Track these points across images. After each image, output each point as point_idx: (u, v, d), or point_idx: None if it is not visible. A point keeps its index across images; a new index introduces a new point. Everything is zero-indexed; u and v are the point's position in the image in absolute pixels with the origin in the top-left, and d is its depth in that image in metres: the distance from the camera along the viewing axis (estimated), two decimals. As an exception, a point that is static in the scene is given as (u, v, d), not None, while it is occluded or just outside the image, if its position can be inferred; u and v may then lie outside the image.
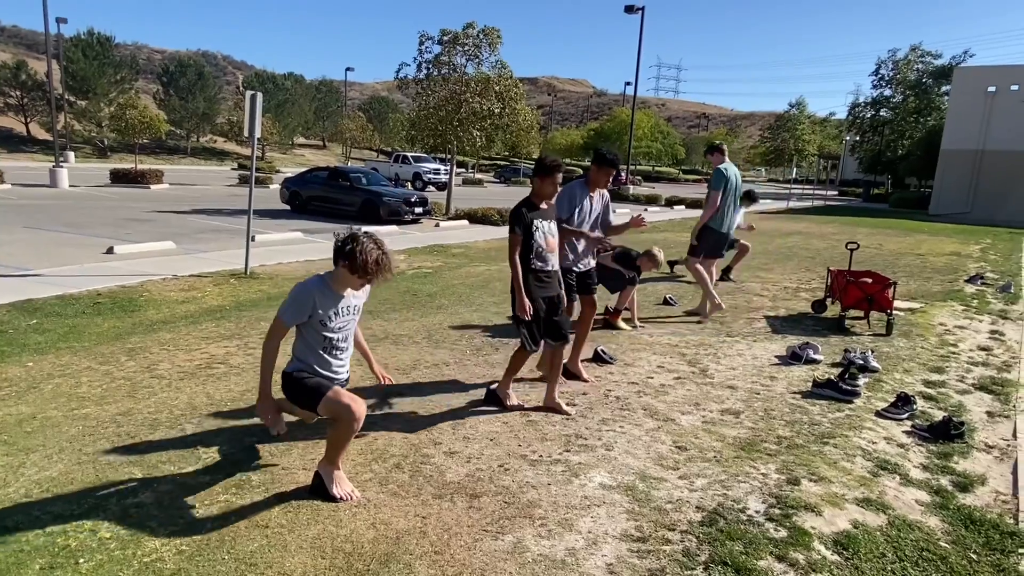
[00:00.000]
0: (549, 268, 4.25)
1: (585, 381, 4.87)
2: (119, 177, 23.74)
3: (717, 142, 7.53)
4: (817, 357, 5.50)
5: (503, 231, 16.57)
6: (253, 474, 3.33)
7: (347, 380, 3.31)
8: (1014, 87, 27.84)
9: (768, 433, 3.99)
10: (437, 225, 16.85)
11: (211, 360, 5.26)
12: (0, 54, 58.94)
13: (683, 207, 27.92)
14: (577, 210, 4.76)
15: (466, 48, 18.47)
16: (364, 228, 3.23)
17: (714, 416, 4.24)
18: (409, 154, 33.96)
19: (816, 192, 45.18)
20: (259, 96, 8.83)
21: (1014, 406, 4.73)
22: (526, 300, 4.07)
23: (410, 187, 29.30)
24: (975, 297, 8.91)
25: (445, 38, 18.43)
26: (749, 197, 9.62)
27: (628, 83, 54.53)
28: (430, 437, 3.81)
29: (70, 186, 22.32)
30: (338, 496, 3.08)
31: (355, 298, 3.20)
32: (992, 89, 28.25)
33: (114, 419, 4.01)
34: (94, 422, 3.96)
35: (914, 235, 18.56)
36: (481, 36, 18.44)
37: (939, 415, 4.41)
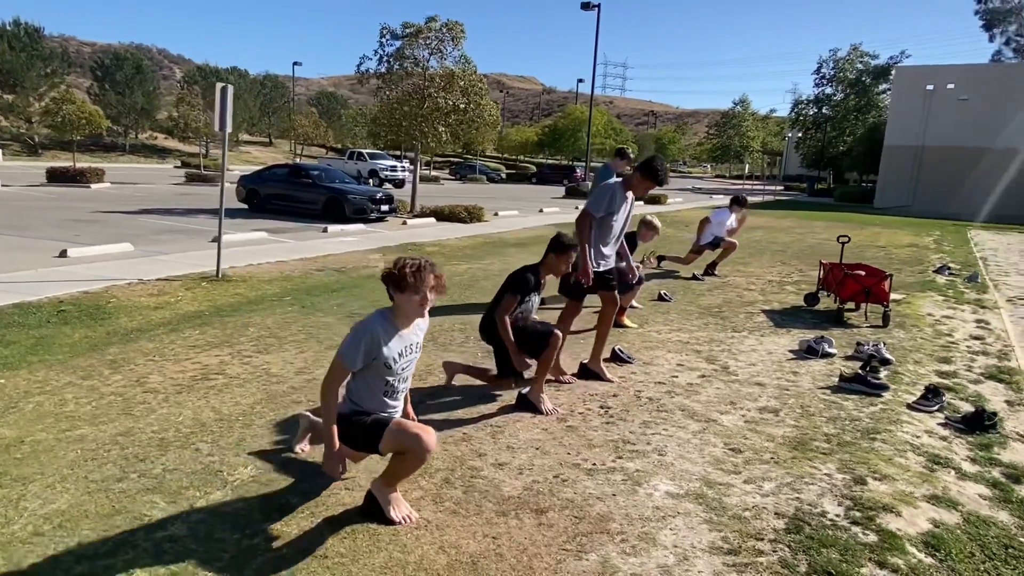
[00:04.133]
0: (521, 325, 4.31)
1: (609, 381, 4.72)
2: (56, 176, 22.34)
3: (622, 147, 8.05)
4: (832, 351, 5.50)
5: (473, 228, 16.37)
6: (292, 497, 3.04)
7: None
8: (950, 85, 29.19)
9: (814, 431, 3.92)
10: (404, 223, 16.45)
11: (206, 371, 4.88)
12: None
13: (640, 203, 28.18)
14: (612, 210, 4.71)
15: (428, 42, 18.11)
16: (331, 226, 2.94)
17: (754, 415, 4.15)
18: (365, 151, 33.23)
19: (767, 188, 46.45)
20: (230, 89, 8.34)
21: (1029, 394, 4.81)
22: (521, 354, 4.17)
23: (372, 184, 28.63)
24: (949, 287, 9.19)
25: (407, 31, 18.03)
26: (739, 203, 9.81)
27: (581, 80, 54.94)
28: (472, 448, 3.58)
29: (2, 186, 20.88)
30: (396, 519, 2.82)
31: (416, 335, 2.94)
32: (930, 87, 29.56)
33: (115, 440, 3.63)
34: (93, 444, 3.57)
35: (869, 228, 19.19)
36: (444, 30, 18.11)
37: (963, 405, 4.45)
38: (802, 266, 11.04)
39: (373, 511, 2.86)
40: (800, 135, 53.95)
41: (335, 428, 2.77)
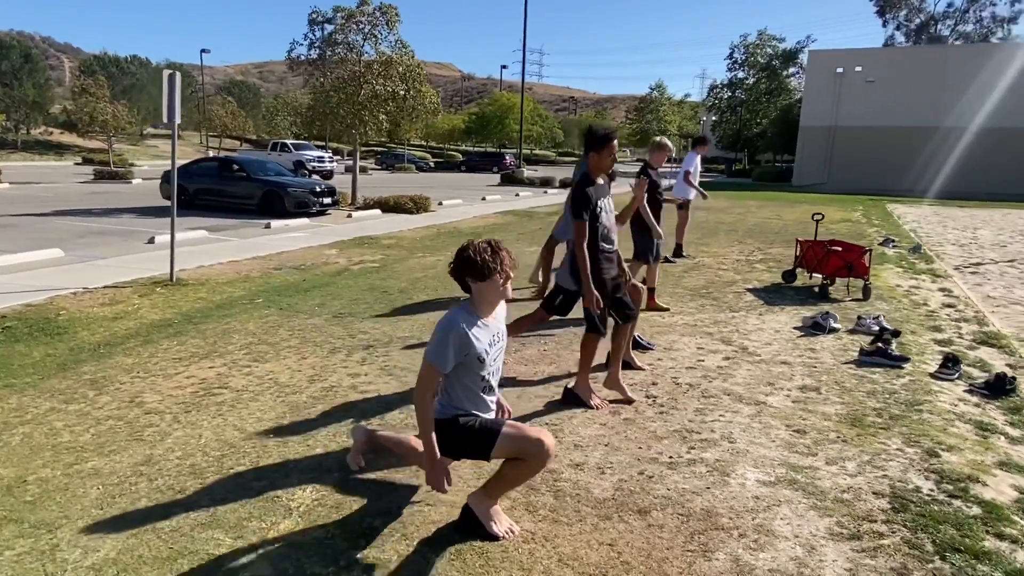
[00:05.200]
0: (612, 247, 4.10)
1: (641, 369, 4.64)
2: (-55, 176, 20.13)
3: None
4: (837, 326, 5.65)
5: (422, 219, 15.94)
6: (372, 519, 2.77)
7: None
8: (858, 68, 30.96)
9: (861, 406, 3.98)
10: (350, 216, 15.83)
11: (206, 385, 4.45)
12: None
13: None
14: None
15: (361, 26, 17.44)
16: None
17: (797, 394, 4.18)
18: (289, 141, 31.80)
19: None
20: (178, 76, 7.68)
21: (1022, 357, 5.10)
22: (595, 292, 3.85)
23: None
24: (901, 259, 9.70)
25: (339, 15, 17.29)
26: (702, 142, 10.05)
27: (505, 66, 54.72)
28: (538, 449, 3.40)
29: None
30: (499, 533, 2.62)
31: (499, 323, 2.77)
32: (840, 70, 31.24)
33: (137, 471, 3.23)
34: (113, 478, 3.15)
35: (799, 205, 20.08)
36: (378, 14, 17.47)
37: (973, 371, 4.65)
38: (759, 244, 11.39)
39: (471, 527, 2.65)
40: (716, 119, 55.87)
41: (434, 438, 2.54)
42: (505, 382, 4.37)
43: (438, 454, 2.55)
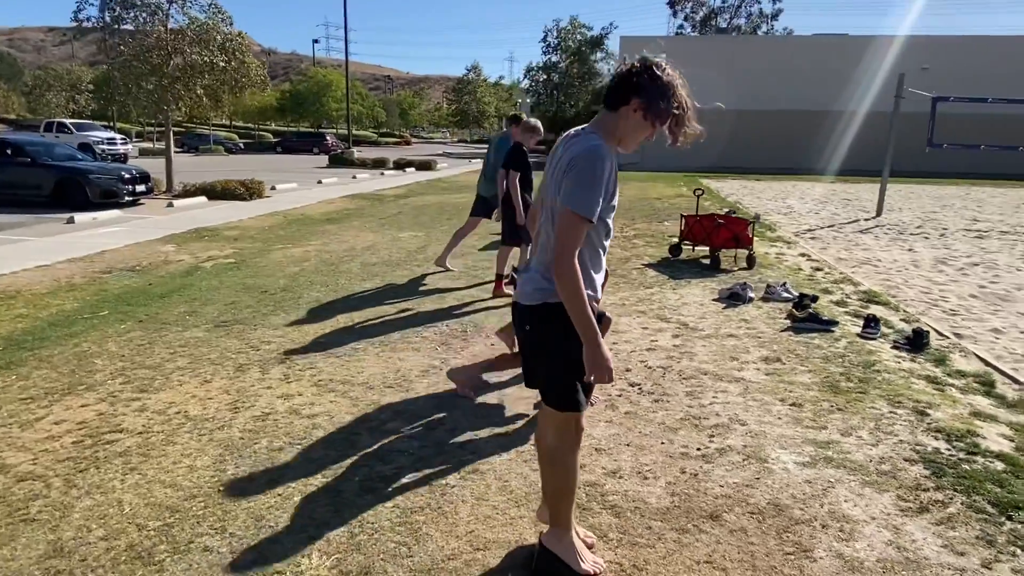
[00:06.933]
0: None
1: (603, 356, 4.43)
2: None
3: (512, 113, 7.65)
4: (752, 295, 5.89)
5: (259, 206, 14.39)
6: (423, 581, 2.23)
7: None
8: (663, 55, 33.43)
9: (827, 373, 4.11)
10: (170, 205, 13.78)
11: (90, 430, 3.44)
12: None
13: (413, 169, 27.60)
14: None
15: (165, -13, 15.18)
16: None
17: (765, 367, 4.22)
18: (67, 121, 27.03)
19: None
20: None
21: (910, 312, 5.69)
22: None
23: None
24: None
25: (135, -27, 14.86)
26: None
27: (316, 41, 51.43)
28: (560, 460, 3.03)
29: None
30: (590, 571, 2.23)
31: None
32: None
33: (48, 568, 2.34)
34: (15, 585, 2.24)
35: (630, 183, 21.31)
36: (185, -26, 15.30)
37: (884, 329, 5.08)
38: (623, 220, 11.79)
39: (553, 570, 2.23)
40: (532, 101, 57.74)
41: (591, 316, 1.95)
42: (492, 395, 3.91)
43: (600, 333, 1.97)
